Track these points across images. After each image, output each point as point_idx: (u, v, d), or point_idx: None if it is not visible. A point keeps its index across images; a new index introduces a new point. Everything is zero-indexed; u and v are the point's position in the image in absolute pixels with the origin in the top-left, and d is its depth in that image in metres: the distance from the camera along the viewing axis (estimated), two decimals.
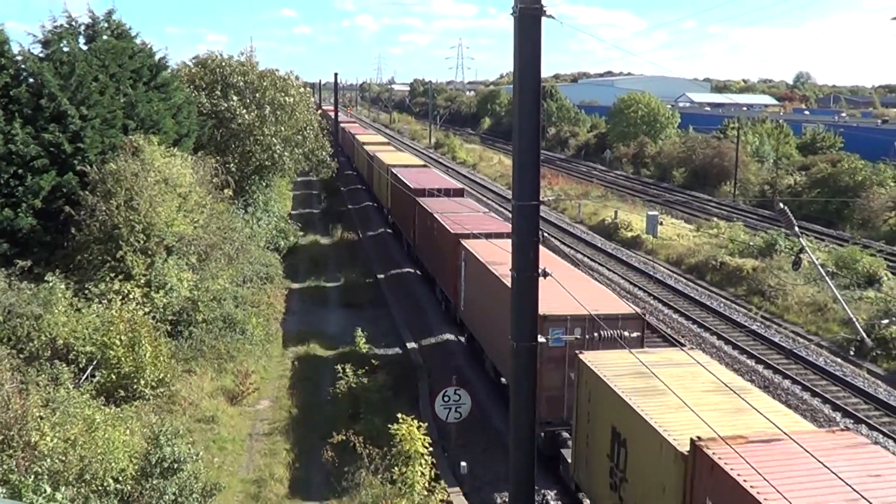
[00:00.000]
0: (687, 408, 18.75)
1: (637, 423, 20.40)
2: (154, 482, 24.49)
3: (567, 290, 22.82)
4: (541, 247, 18.14)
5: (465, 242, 41.95)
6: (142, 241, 38.44)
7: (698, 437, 17.75)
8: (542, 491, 28.57)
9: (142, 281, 37.99)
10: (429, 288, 54.15)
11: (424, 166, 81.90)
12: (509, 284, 18.21)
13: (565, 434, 28.51)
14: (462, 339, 44.92)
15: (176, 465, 24.94)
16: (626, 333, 28.86)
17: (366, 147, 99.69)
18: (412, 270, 60.54)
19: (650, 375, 20.71)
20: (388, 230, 76.51)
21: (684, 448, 18.18)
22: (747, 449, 17.02)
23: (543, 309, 20.67)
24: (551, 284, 19.78)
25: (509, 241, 17.34)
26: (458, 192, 62.02)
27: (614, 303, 32.11)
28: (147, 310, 36.37)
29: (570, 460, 26.92)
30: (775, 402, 22.64)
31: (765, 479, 15.54)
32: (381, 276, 60.15)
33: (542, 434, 28.54)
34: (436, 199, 55.26)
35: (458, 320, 45.05)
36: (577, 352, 25.51)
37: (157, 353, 33.40)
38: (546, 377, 27.85)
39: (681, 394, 19.55)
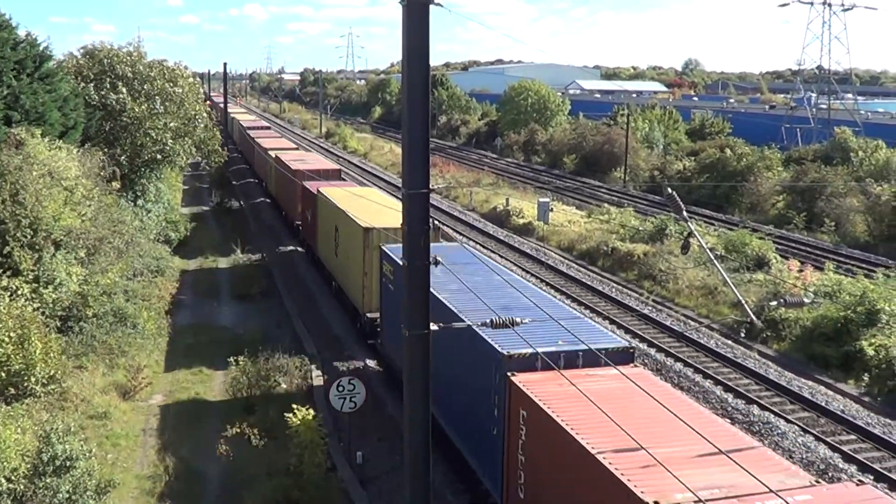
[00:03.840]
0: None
1: None
2: (47, 481, 24.19)
3: None
4: None
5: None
6: (29, 236, 37.77)
7: None
8: (365, 359, 39.91)
9: (30, 276, 37.35)
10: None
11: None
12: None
13: None
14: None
15: (69, 463, 24.65)
16: None
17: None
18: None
19: None
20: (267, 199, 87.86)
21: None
22: None
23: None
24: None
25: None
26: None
27: None
28: (36, 306, 35.76)
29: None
30: None
31: None
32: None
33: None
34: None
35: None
36: None
37: (47, 349, 32.84)
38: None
39: None
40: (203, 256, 62.66)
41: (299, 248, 64.90)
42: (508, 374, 22.59)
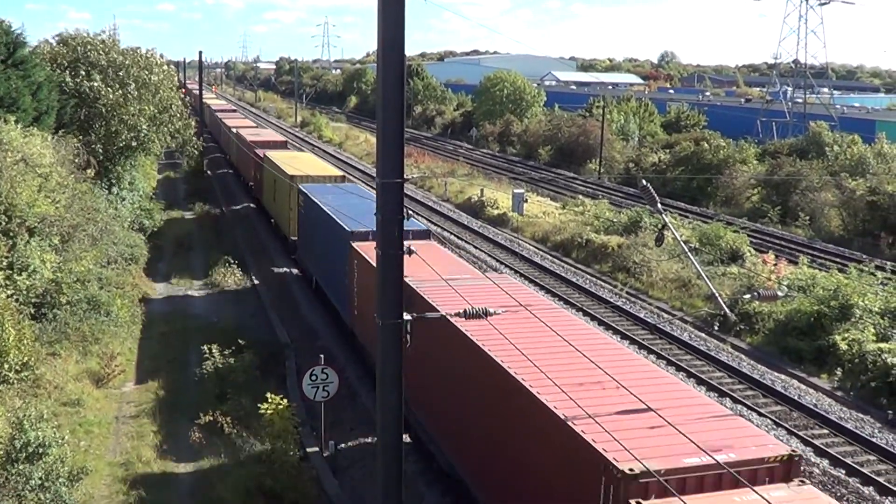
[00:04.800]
0: None
1: None
2: (19, 467, 24.14)
3: None
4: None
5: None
6: (3, 223, 37.69)
7: None
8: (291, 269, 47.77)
9: (3, 263, 37.25)
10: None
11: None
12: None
13: None
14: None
15: (41, 450, 24.61)
16: None
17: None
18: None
19: None
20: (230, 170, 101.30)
21: None
22: None
23: None
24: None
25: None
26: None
27: None
28: (10, 292, 35.66)
29: None
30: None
31: None
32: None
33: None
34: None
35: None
36: None
37: (20, 336, 32.75)
38: None
39: None
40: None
41: (251, 205, 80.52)
42: None
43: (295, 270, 56.63)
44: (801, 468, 17.97)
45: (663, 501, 15.92)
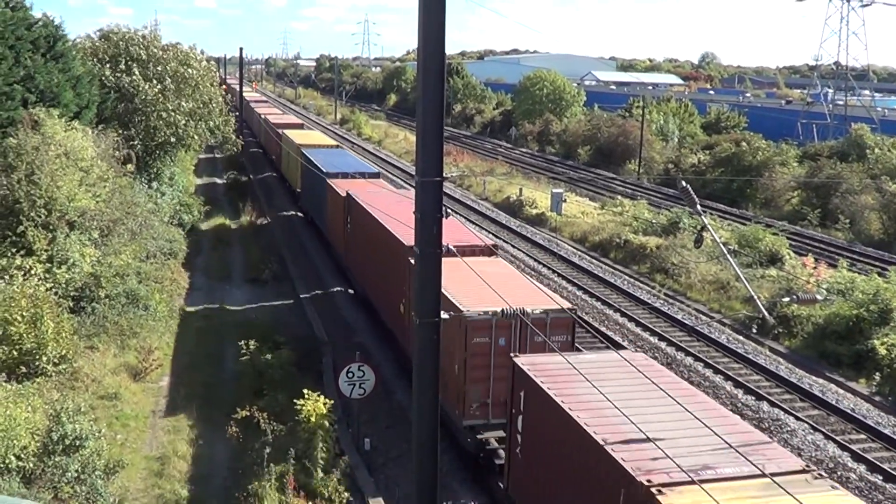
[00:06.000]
0: None
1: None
2: (56, 459, 24.31)
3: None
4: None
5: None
6: (43, 216, 37.93)
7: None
8: (296, 212, 53.91)
9: (43, 256, 37.50)
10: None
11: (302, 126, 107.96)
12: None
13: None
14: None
15: (78, 443, 24.77)
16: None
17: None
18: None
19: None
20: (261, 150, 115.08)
21: None
22: None
23: None
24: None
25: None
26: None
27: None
28: (49, 285, 35.92)
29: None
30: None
31: None
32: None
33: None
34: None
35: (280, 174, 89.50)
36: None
37: (59, 329, 32.99)
38: None
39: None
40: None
41: (274, 174, 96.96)
42: None
43: (300, 214, 74.27)
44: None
45: None
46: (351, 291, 50.12)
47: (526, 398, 22.47)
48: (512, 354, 24.29)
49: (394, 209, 38.46)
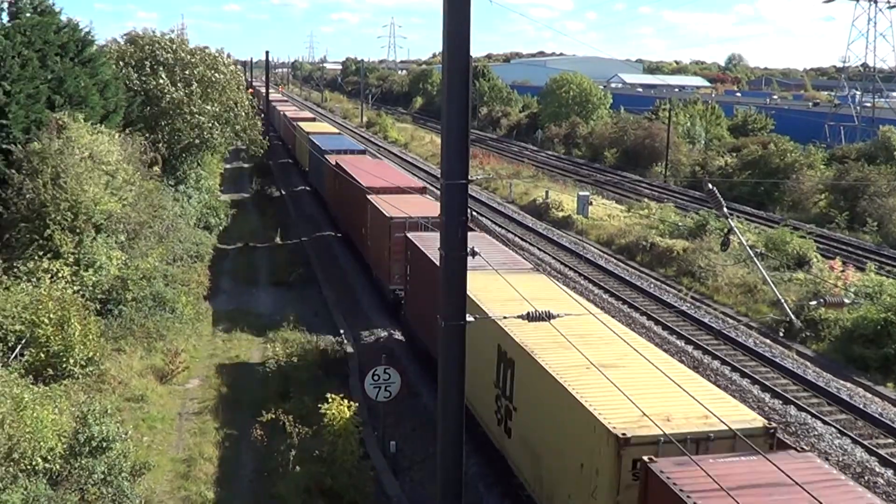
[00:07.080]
0: None
1: None
2: (83, 461, 24.39)
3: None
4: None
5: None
6: (70, 220, 38.10)
7: None
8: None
9: (70, 259, 37.69)
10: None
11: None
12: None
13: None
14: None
15: (105, 444, 24.84)
16: None
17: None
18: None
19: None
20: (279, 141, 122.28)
21: None
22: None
23: None
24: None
25: None
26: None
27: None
28: (76, 288, 36.12)
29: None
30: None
31: None
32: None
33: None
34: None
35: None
36: None
37: (86, 331, 33.15)
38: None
39: None
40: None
41: (290, 160, 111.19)
42: None
43: (308, 188, 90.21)
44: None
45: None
46: (339, 235, 66.64)
47: (411, 257, 39.29)
48: (406, 234, 41.02)
49: (365, 167, 61.34)
